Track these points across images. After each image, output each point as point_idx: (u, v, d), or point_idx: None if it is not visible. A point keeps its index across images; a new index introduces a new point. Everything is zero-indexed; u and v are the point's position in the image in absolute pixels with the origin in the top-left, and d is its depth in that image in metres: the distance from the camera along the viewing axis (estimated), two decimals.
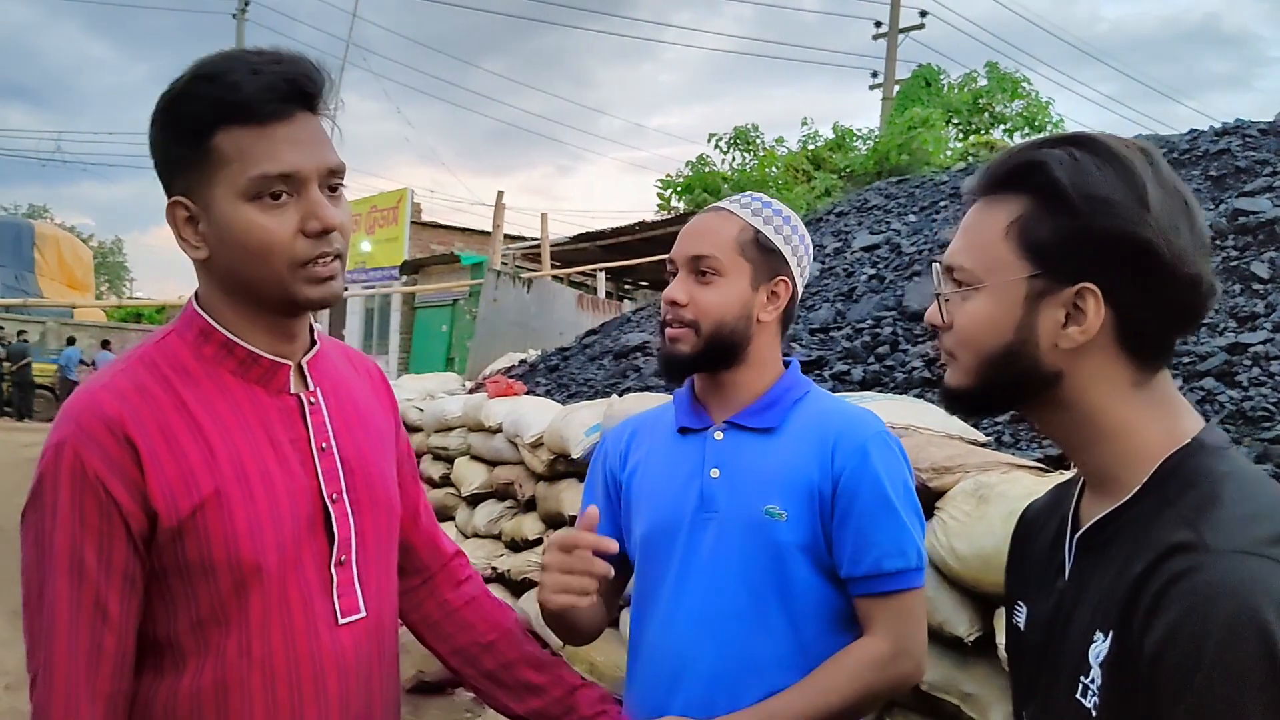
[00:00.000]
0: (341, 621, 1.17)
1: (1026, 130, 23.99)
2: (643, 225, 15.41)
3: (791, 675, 1.39)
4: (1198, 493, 0.85)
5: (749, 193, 1.56)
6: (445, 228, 22.38)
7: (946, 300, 1.00)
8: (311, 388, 1.21)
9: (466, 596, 1.48)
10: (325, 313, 23.06)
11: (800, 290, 1.55)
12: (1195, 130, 6.31)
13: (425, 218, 22.13)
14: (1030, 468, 2.34)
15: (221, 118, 1.06)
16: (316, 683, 1.14)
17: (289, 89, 1.08)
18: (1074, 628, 0.93)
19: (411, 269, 19.80)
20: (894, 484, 1.43)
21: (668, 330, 1.50)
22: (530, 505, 4.51)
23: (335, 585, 1.17)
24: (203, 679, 1.10)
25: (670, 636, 1.48)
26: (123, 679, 1.07)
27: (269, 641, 1.11)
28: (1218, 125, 6.11)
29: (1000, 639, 1.88)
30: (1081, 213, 0.90)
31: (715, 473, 1.48)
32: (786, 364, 1.56)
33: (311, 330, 1.25)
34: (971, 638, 2.11)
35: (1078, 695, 0.89)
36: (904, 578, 1.40)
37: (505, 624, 1.48)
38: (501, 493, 4.82)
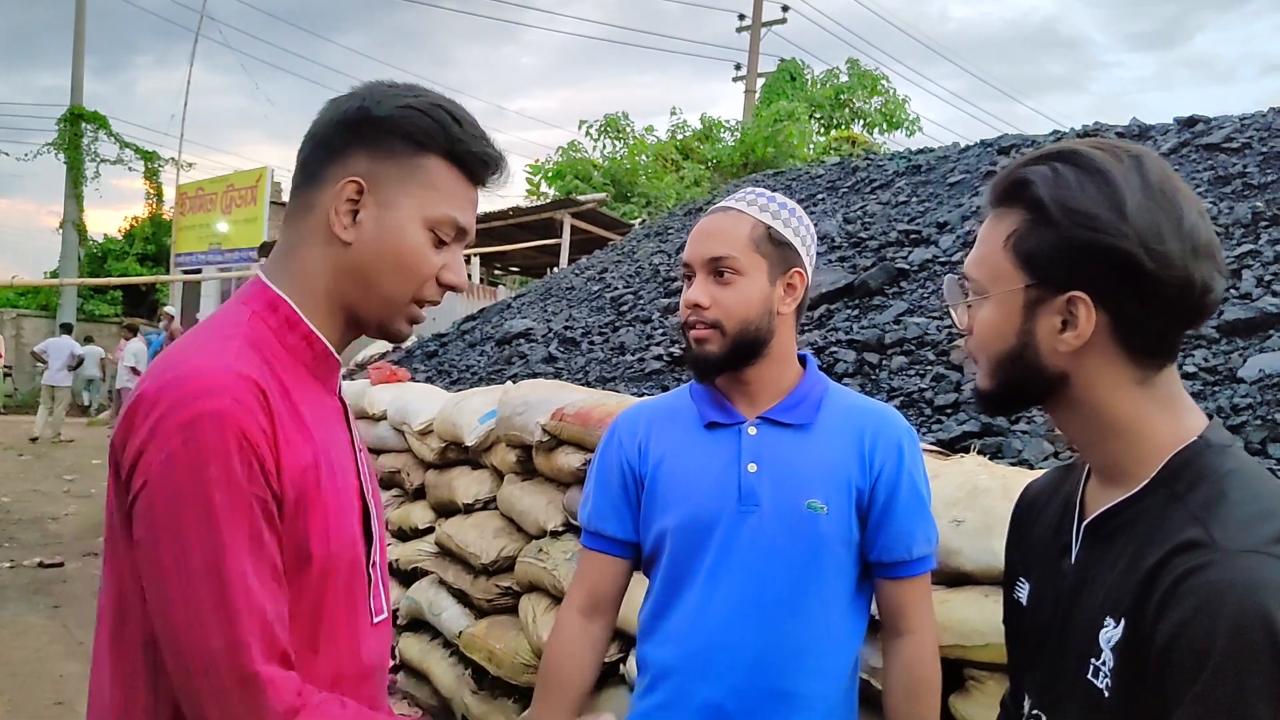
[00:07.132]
0: (375, 620, 1.14)
1: (884, 126, 24.91)
2: (516, 211, 15.27)
3: (820, 657, 1.48)
4: (1206, 490, 0.90)
5: (751, 189, 1.58)
6: None
7: (969, 307, 1.05)
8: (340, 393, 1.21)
9: None
10: (178, 296, 21.74)
11: (811, 279, 1.58)
12: (1059, 132, 6.68)
13: (285, 198, 21.24)
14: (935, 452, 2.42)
15: (448, 152, 1.10)
16: (361, 683, 1.10)
17: (494, 173, 1.16)
18: (1082, 610, 0.97)
19: (270, 250, 18.98)
20: (922, 478, 1.55)
21: (693, 332, 1.52)
22: (419, 494, 4.41)
23: (371, 584, 1.13)
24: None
25: (703, 624, 1.49)
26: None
27: (336, 637, 1.07)
28: (1078, 128, 6.50)
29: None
30: (1063, 226, 0.94)
31: (753, 467, 1.50)
32: (801, 359, 1.60)
33: None
34: None
35: (1089, 676, 0.93)
36: (927, 561, 1.53)
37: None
38: (387, 481, 4.70)
